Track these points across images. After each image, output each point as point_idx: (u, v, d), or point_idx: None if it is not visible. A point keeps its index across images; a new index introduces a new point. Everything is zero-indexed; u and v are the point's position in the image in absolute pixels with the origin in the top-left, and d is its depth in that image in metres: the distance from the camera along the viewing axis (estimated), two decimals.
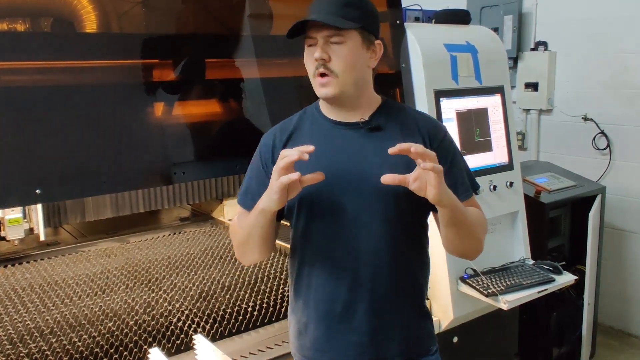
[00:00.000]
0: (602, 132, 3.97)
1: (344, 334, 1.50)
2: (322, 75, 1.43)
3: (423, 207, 1.54)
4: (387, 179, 1.32)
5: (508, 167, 2.64)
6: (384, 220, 1.46)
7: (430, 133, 1.52)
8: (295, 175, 1.29)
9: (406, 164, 1.45)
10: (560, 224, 3.32)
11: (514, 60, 4.30)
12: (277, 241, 1.67)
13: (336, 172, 1.45)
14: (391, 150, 1.29)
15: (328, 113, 1.54)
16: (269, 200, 1.35)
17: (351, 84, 1.46)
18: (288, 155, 1.30)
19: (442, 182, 1.31)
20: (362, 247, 1.47)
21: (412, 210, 1.50)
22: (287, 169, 1.31)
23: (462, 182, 1.55)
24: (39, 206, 2.22)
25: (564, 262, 2.62)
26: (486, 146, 2.57)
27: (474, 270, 2.40)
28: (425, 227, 1.58)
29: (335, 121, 1.52)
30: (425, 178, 1.29)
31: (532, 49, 4.25)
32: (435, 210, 1.54)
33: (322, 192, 1.45)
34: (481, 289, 2.29)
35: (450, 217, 1.40)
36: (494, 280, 2.36)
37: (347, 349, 1.51)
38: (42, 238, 2.31)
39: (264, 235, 1.46)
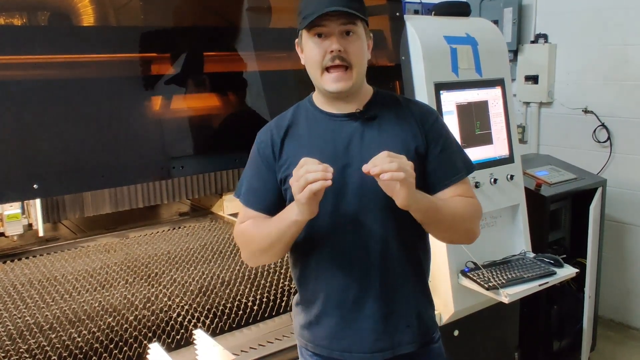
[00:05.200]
0: (603, 125, 3.95)
1: (358, 321, 1.51)
2: (337, 67, 1.42)
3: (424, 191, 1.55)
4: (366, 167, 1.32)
5: (508, 160, 2.63)
6: (389, 207, 1.45)
7: (422, 118, 1.55)
8: (318, 185, 1.27)
9: (405, 151, 1.46)
10: (560, 217, 3.31)
11: (514, 53, 4.28)
12: None
13: (337, 164, 1.45)
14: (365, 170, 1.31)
15: (323, 106, 1.54)
16: (301, 212, 1.35)
17: (361, 76, 1.49)
18: (312, 172, 1.28)
19: (410, 190, 1.32)
20: (370, 235, 1.48)
21: None
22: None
23: (452, 166, 1.55)
24: (38, 202, 2.22)
25: (564, 255, 2.61)
26: (486, 139, 2.56)
27: (475, 264, 2.40)
28: None
29: (332, 114, 1.53)
30: (392, 186, 1.31)
31: (532, 42, 4.23)
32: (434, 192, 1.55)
33: None
34: (482, 283, 2.29)
35: (423, 219, 1.43)
36: (494, 273, 2.36)
37: (362, 336, 1.51)
38: (41, 234, 2.30)
39: (290, 243, 1.47)
